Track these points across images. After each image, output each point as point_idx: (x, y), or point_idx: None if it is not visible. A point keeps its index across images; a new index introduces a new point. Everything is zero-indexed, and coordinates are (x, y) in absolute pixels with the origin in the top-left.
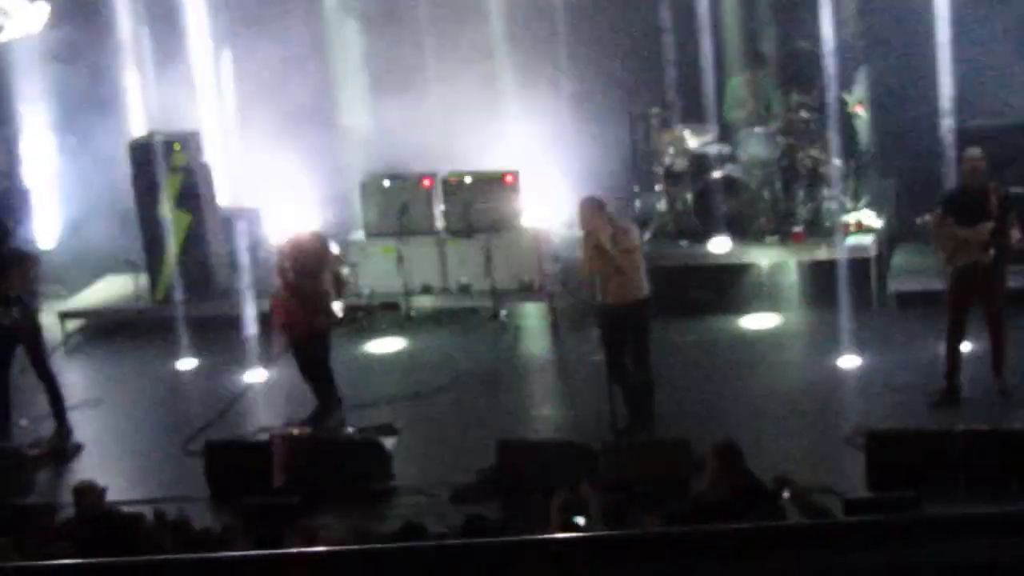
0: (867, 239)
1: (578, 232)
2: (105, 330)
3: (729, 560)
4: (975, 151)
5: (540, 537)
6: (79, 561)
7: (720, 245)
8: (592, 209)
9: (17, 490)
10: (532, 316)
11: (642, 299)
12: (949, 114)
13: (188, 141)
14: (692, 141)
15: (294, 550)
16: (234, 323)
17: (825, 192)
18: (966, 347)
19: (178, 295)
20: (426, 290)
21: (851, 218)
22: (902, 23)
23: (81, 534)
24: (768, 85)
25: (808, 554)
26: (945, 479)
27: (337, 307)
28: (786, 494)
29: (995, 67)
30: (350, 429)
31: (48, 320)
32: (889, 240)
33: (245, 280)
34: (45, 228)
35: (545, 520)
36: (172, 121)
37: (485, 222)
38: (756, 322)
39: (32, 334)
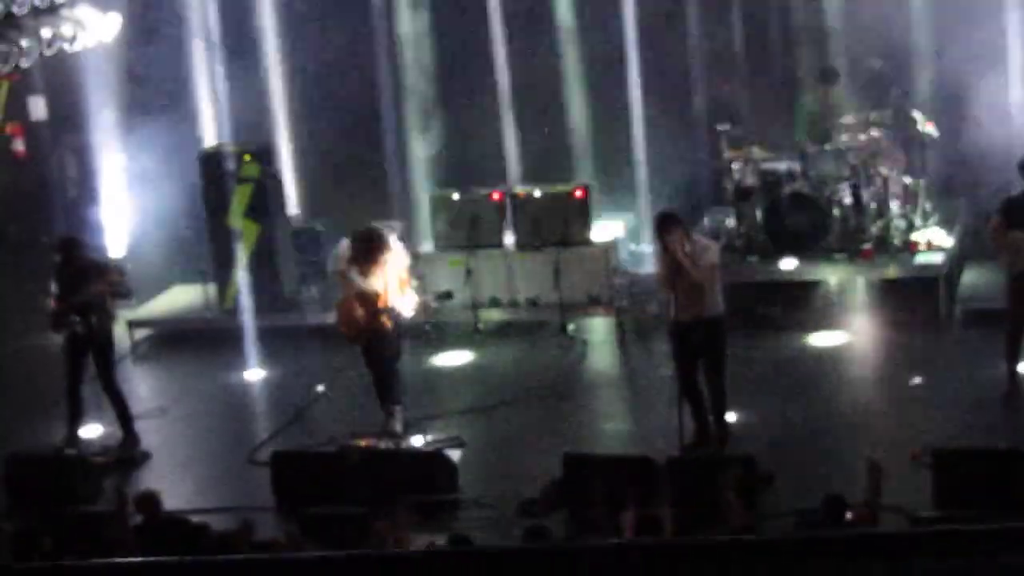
0: (936, 257)
1: (655, 247)
2: (173, 339)
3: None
4: None
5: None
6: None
7: (789, 262)
8: (669, 225)
9: (85, 498)
10: (599, 330)
11: (718, 316)
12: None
13: (258, 152)
14: (762, 158)
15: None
16: (302, 333)
17: (895, 210)
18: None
19: (246, 305)
20: (494, 303)
21: (921, 236)
22: (974, 43)
23: (145, 543)
24: (839, 103)
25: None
26: (1012, 498)
27: (407, 306)
28: (849, 515)
29: None
30: (417, 441)
31: (117, 329)
32: (959, 259)
33: (313, 290)
34: (115, 237)
35: (611, 534)
36: (243, 132)
37: (554, 236)
38: (824, 339)
39: (103, 344)
